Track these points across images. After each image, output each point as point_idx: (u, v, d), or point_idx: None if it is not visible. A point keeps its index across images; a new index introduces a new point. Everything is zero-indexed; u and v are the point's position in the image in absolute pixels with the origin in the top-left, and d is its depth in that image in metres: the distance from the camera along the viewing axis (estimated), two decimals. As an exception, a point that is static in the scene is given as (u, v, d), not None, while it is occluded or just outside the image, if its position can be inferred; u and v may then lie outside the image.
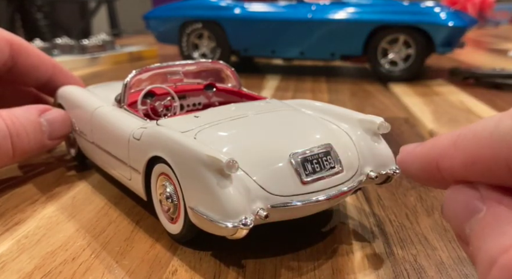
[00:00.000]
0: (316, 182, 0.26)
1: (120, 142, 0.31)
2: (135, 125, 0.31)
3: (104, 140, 0.35)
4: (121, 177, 0.33)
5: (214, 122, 0.29)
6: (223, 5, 0.97)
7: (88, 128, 0.37)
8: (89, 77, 0.96)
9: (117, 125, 0.32)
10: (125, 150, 0.31)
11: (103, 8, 2.14)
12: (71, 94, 0.42)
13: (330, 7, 0.90)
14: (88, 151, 0.39)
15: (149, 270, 0.26)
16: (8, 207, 0.34)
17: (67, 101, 0.42)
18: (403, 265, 0.26)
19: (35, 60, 0.43)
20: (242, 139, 0.28)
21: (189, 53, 1.02)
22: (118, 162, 0.33)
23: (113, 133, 0.33)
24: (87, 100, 0.39)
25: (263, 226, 0.30)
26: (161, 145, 0.27)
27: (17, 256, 0.27)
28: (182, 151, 0.26)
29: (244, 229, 0.23)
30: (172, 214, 0.28)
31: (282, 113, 0.33)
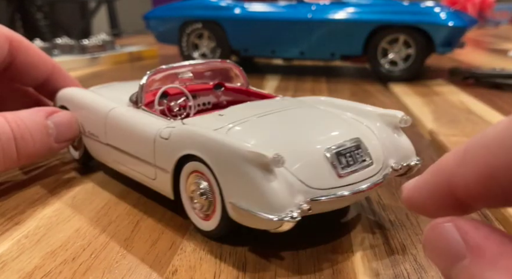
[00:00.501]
0: (351, 175, 0.27)
1: (144, 142, 0.31)
2: (160, 125, 0.31)
3: (123, 141, 0.34)
4: (143, 177, 0.33)
5: (242, 120, 0.30)
6: (223, 5, 0.97)
7: (102, 130, 0.36)
8: (89, 77, 0.96)
9: (140, 125, 0.32)
10: (150, 150, 0.31)
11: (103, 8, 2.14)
12: (78, 96, 0.41)
13: (330, 7, 0.90)
14: (100, 153, 0.38)
15: (150, 270, 0.26)
16: (8, 207, 0.34)
17: (72, 103, 0.41)
18: (403, 265, 0.26)
19: (34, 59, 0.43)
20: (274, 135, 0.29)
21: (189, 53, 1.02)
22: (140, 162, 0.32)
23: (136, 134, 0.32)
24: (98, 102, 0.38)
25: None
26: (196, 143, 0.28)
27: (17, 256, 0.27)
28: (220, 149, 0.26)
29: (292, 222, 0.24)
30: (206, 211, 0.28)
31: (304, 110, 0.33)
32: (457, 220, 0.16)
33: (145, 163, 0.32)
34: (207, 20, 0.98)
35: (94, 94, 0.41)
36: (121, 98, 0.37)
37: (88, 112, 0.38)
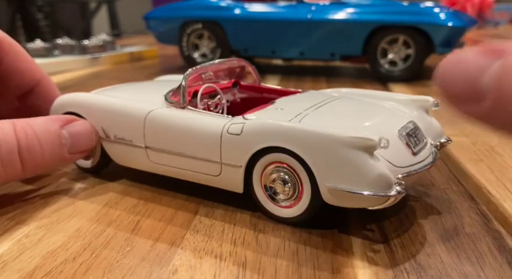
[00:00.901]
0: (420, 152, 0.31)
1: (206, 140, 0.32)
2: (222, 122, 0.32)
3: (173, 142, 0.33)
4: (200, 175, 0.33)
5: (303, 112, 0.32)
6: (223, 6, 0.97)
7: (138, 133, 0.35)
8: (90, 77, 0.96)
9: (197, 125, 0.32)
10: (214, 147, 0.31)
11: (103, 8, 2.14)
12: (96, 100, 0.38)
13: (329, 7, 0.90)
14: (134, 157, 0.36)
15: (150, 269, 0.26)
16: (9, 206, 0.34)
17: (90, 108, 0.38)
18: (403, 265, 0.26)
19: (22, 65, 0.40)
20: (344, 123, 0.32)
21: (189, 54, 1.02)
22: (197, 161, 0.32)
23: (193, 133, 0.32)
24: (128, 104, 0.36)
25: (263, 225, 0.30)
26: (281, 135, 0.29)
27: (17, 256, 0.27)
28: (315, 138, 0.28)
29: (400, 196, 0.26)
30: (290, 199, 0.30)
31: (348, 101, 0.36)
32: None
33: (206, 161, 0.32)
34: (207, 20, 0.98)
35: (115, 97, 0.38)
36: (140, 99, 0.37)
37: (116, 115, 0.36)
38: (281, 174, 0.30)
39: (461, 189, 0.36)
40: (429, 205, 0.34)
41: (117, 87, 0.45)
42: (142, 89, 0.40)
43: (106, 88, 0.44)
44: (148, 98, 0.37)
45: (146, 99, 0.37)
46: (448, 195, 0.35)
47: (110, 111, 0.37)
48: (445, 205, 0.34)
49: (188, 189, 0.35)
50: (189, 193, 0.34)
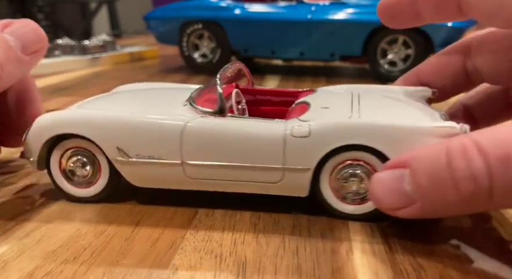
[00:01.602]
0: None
1: (266, 147, 0.31)
2: (281, 126, 0.31)
3: (222, 154, 0.31)
4: (254, 185, 0.32)
5: (351, 107, 0.32)
6: (223, 6, 0.97)
7: (173, 148, 0.31)
8: (90, 77, 0.96)
9: (253, 132, 0.31)
10: (276, 153, 0.30)
11: (103, 8, 2.14)
12: (106, 117, 0.33)
13: (329, 8, 0.90)
14: (165, 175, 0.33)
15: (150, 269, 0.26)
16: (9, 206, 0.34)
17: (99, 128, 0.32)
18: (402, 264, 0.26)
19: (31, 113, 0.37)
20: (402, 113, 0.32)
21: (189, 54, 1.02)
22: (252, 171, 0.31)
23: (249, 142, 0.31)
24: (153, 118, 0.32)
25: (263, 225, 0.31)
26: (359, 132, 0.29)
27: (18, 256, 0.27)
28: (397, 131, 0.29)
29: None
30: (361, 196, 0.31)
31: (367, 95, 0.36)
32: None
33: (263, 169, 0.31)
34: (207, 21, 0.98)
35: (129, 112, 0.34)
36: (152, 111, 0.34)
37: (139, 132, 0.32)
38: (358, 171, 0.30)
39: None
40: (429, 206, 0.34)
41: (94, 100, 0.38)
42: (130, 101, 0.37)
43: (82, 102, 0.38)
44: (157, 109, 0.34)
45: (156, 111, 0.34)
46: (447, 195, 0.35)
47: (130, 128, 0.32)
48: (445, 206, 0.34)
49: (188, 189, 0.35)
50: (189, 194, 0.34)
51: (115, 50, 1.22)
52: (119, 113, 0.33)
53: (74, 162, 0.34)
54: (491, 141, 0.22)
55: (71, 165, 0.34)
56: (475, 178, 0.22)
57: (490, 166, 0.22)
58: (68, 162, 0.34)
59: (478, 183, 0.22)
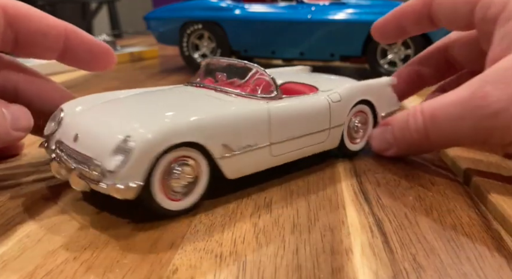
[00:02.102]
0: None
1: (321, 114, 0.39)
2: (322, 97, 0.40)
3: (295, 128, 0.37)
4: (312, 147, 0.40)
5: (327, 80, 0.48)
6: (223, 6, 0.97)
7: (264, 133, 0.35)
8: (90, 77, 0.96)
9: (311, 106, 0.39)
10: (326, 117, 0.40)
11: (103, 8, 2.14)
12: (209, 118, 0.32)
13: (329, 8, 0.90)
14: (257, 159, 0.35)
15: (150, 269, 0.26)
16: (9, 206, 0.34)
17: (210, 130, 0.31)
18: (402, 264, 0.26)
19: (41, 25, 0.36)
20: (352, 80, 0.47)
21: (189, 54, 1.02)
22: (312, 136, 0.39)
23: (311, 114, 0.38)
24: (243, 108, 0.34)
25: (263, 225, 0.31)
26: (365, 91, 0.43)
27: (18, 255, 0.27)
28: (378, 86, 0.45)
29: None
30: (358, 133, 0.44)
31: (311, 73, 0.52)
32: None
33: (318, 133, 0.39)
34: (207, 21, 0.98)
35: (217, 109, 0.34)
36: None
37: (239, 125, 0.33)
38: (361, 120, 0.44)
39: (461, 189, 0.36)
40: (429, 205, 0.34)
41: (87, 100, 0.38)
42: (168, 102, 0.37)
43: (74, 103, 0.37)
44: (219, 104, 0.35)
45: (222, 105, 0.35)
46: (447, 194, 0.36)
47: (233, 123, 0.33)
48: (445, 205, 0.34)
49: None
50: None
51: (115, 50, 1.21)
52: (220, 111, 0.33)
53: (179, 173, 0.31)
54: (428, 106, 0.37)
55: (176, 177, 0.31)
56: (418, 129, 0.37)
57: (425, 121, 0.37)
58: (173, 174, 0.30)
59: (420, 132, 0.37)
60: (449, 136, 0.36)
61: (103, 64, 0.42)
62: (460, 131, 0.35)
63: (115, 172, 0.28)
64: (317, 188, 0.37)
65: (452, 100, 0.35)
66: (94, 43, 0.40)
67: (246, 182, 0.37)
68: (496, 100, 0.33)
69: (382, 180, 0.39)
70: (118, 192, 0.28)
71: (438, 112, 0.36)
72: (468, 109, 0.34)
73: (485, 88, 0.33)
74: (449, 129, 0.35)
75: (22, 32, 0.36)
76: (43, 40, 0.37)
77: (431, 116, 0.36)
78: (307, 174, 0.40)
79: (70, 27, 0.39)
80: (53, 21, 0.38)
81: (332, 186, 0.37)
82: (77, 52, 0.39)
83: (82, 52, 0.40)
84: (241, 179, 0.35)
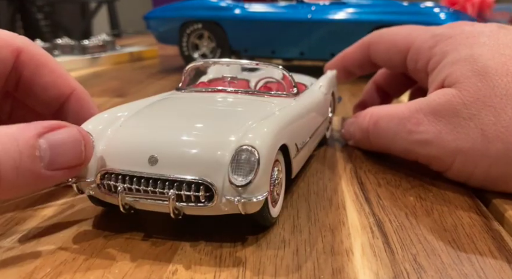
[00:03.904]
0: None
1: (323, 107, 0.43)
2: (318, 91, 0.43)
3: (315, 121, 0.40)
4: (317, 141, 0.44)
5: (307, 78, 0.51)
6: (223, 6, 0.97)
7: (308, 129, 0.38)
8: (90, 77, 0.96)
9: (318, 99, 0.42)
10: (327, 107, 0.45)
11: (103, 8, 2.14)
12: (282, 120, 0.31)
13: (329, 7, 0.90)
14: (305, 154, 0.38)
15: (150, 269, 0.26)
16: (9, 206, 0.34)
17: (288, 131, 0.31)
18: (403, 265, 0.26)
19: (45, 78, 0.34)
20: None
21: (189, 54, 1.02)
22: (324, 124, 0.44)
23: (319, 107, 0.41)
24: (298, 108, 0.36)
25: (263, 225, 0.30)
26: (333, 83, 0.50)
27: (17, 256, 0.27)
28: (334, 80, 0.52)
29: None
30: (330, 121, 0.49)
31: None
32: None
33: (324, 122, 0.44)
34: (207, 21, 0.98)
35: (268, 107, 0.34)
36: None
37: (299, 124, 0.34)
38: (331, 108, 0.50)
39: (461, 189, 0.36)
40: (429, 205, 0.34)
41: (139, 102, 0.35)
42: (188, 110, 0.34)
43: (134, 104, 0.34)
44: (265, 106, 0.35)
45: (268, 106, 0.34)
46: (447, 195, 0.35)
47: (296, 123, 0.34)
48: (445, 205, 0.34)
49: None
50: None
51: (114, 50, 1.22)
52: (286, 113, 0.33)
53: (276, 178, 0.30)
54: (376, 112, 0.41)
55: (277, 183, 0.30)
56: (363, 129, 0.43)
57: (369, 124, 0.41)
58: (275, 181, 0.29)
59: (364, 132, 0.43)
60: (384, 144, 0.40)
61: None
62: (393, 144, 0.39)
63: (245, 187, 0.26)
64: (317, 188, 0.37)
65: (394, 114, 0.38)
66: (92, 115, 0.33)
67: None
68: (425, 130, 0.35)
69: (383, 181, 0.38)
70: (245, 207, 0.26)
71: (381, 121, 0.40)
72: (403, 129, 0.37)
73: (419, 116, 0.36)
74: (384, 139, 0.40)
75: (25, 78, 0.34)
76: (45, 97, 0.35)
77: (374, 123, 0.41)
78: (308, 174, 0.40)
79: (78, 91, 0.36)
80: (63, 80, 0.35)
81: (333, 186, 0.37)
82: (71, 116, 0.35)
83: (75, 118, 0.35)
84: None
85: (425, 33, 0.42)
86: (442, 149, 0.34)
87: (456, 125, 0.34)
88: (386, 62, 0.48)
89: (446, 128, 0.34)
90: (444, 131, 0.34)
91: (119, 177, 0.28)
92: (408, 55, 0.43)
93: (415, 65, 0.42)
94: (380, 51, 0.47)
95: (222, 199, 0.26)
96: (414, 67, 0.42)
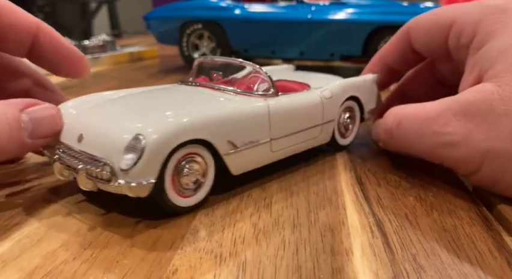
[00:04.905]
0: None
1: (314, 111, 0.41)
2: (315, 94, 0.41)
3: (291, 125, 0.39)
4: (305, 143, 0.41)
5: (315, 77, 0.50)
6: (223, 6, 0.97)
7: (264, 129, 0.36)
8: (90, 77, 0.96)
9: (306, 103, 0.40)
10: (319, 113, 0.41)
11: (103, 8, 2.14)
12: (216, 115, 0.33)
13: (329, 8, 0.90)
14: (259, 155, 0.36)
15: (150, 269, 0.26)
16: (9, 206, 0.34)
17: (217, 126, 0.32)
18: (402, 265, 0.26)
19: (11, 19, 0.36)
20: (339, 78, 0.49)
21: (189, 54, 1.02)
22: (307, 132, 0.40)
23: (305, 110, 0.40)
24: (244, 106, 0.35)
25: (263, 225, 0.31)
26: (354, 87, 0.45)
27: (17, 256, 0.27)
28: (364, 84, 0.47)
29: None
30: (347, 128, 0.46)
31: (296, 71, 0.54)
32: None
33: (312, 128, 0.41)
34: (207, 21, 0.98)
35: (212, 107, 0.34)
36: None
37: (242, 121, 0.34)
38: (349, 115, 0.46)
39: (461, 189, 0.36)
40: (429, 205, 0.34)
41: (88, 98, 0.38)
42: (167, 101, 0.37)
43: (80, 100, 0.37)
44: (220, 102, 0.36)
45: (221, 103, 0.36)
46: (447, 195, 0.35)
47: (237, 120, 0.34)
48: (445, 205, 0.34)
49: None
50: (189, 193, 0.34)
51: (114, 50, 1.22)
52: (225, 109, 0.34)
53: (188, 170, 0.31)
54: (400, 112, 0.38)
55: (185, 174, 0.31)
56: (386, 130, 0.39)
57: (393, 125, 0.38)
58: (181, 173, 0.31)
59: (387, 133, 0.39)
60: (408, 146, 0.38)
61: (73, 70, 0.40)
62: (417, 146, 0.36)
63: (127, 171, 0.28)
64: (317, 188, 0.37)
65: (419, 114, 0.36)
66: (64, 46, 0.39)
67: (247, 181, 0.37)
68: (453, 132, 0.33)
69: (382, 181, 0.39)
70: (131, 190, 0.29)
71: (404, 121, 0.37)
72: (428, 131, 0.34)
73: (448, 116, 0.33)
74: (407, 140, 0.37)
75: None
76: (14, 34, 0.37)
77: (398, 123, 0.38)
78: (308, 174, 0.40)
79: (43, 25, 0.38)
80: (25, 16, 0.37)
81: (332, 186, 0.37)
82: (45, 51, 0.38)
83: (50, 52, 0.38)
84: (241, 178, 0.35)
85: (473, 8, 0.37)
86: (471, 150, 0.32)
87: (488, 124, 0.31)
88: (427, 46, 0.43)
89: (477, 128, 0.31)
90: (475, 131, 0.31)
91: (60, 147, 0.33)
92: (450, 31, 0.38)
93: (457, 42, 0.38)
94: (420, 33, 0.43)
95: (118, 180, 0.29)
96: (457, 43, 0.38)
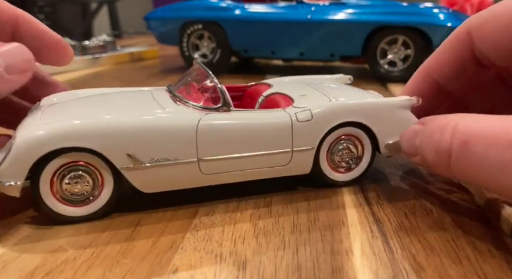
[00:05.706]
0: None
1: (276, 134, 0.33)
2: (285, 114, 0.34)
3: (238, 146, 0.33)
4: (265, 170, 0.34)
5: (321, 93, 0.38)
6: (223, 6, 0.97)
7: (189, 147, 0.31)
8: (91, 77, 0.97)
9: (263, 122, 0.33)
10: (285, 138, 0.34)
11: (104, 8, 2.14)
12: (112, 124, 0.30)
13: (329, 8, 0.90)
14: (181, 175, 0.32)
15: (150, 269, 0.26)
16: (9, 206, 0.34)
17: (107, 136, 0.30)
18: (402, 264, 0.26)
19: None
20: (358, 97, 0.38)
21: (190, 54, 1.02)
22: (264, 157, 0.34)
23: (261, 131, 0.33)
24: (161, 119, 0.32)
25: (263, 225, 0.31)
26: (357, 112, 0.35)
27: (18, 255, 0.27)
28: (380, 107, 0.35)
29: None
30: (351, 164, 0.37)
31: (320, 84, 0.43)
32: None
33: (274, 154, 0.34)
34: (207, 21, 0.98)
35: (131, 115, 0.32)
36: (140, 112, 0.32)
37: (153, 135, 0.31)
38: (350, 145, 0.36)
39: (461, 189, 0.36)
40: (429, 206, 0.34)
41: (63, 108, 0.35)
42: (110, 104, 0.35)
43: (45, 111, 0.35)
44: (154, 110, 0.33)
45: (154, 112, 0.33)
46: (448, 195, 0.36)
47: (143, 132, 0.31)
48: (445, 205, 0.34)
49: (187, 189, 0.35)
50: (189, 193, 0.34)
51: (115, 51, 1.22)
52: (125, 118, 0.31)
53: (70, 178, 0.31)
54: (461, 127, 0.26)
55: (67, 183, 0.31)
56: (439, 151, 0.27)
57: (451, 146, 0.26)
58: (63, 180, 0.30)
59: (441, 154, 0.27)
60: (479, 177, 0.26)
61: (56, 58, 0.41)
62: (495, 180, 0.25)
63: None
64: (317, 188, 0.37)
65: (498, 134, 0.24)
66: (46, 35, 0.40)
67: (246, 182, 0.37)
68: None
69: (382, 180, 0.39)
70: (4, 189, 0.29)
71: (473, 143, 0.25)
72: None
73: None
74: (478, 170, 0.25)
75: None
76: None
77: (462, 144, 0.26)
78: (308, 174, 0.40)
79: (22, 13, 0.39)
80: (3, 6, 0.38)
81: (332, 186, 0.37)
82: (26, 39, 0.38)
83: (31, 40, 0.38)
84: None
85: None
86: None
87: None
88: (503, 49, 0.32)
89: None
90: None
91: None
92: None
93: None
94: (489, 33, 0.32)
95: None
96: None
